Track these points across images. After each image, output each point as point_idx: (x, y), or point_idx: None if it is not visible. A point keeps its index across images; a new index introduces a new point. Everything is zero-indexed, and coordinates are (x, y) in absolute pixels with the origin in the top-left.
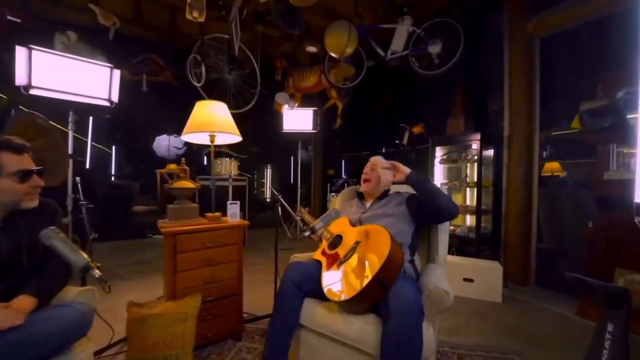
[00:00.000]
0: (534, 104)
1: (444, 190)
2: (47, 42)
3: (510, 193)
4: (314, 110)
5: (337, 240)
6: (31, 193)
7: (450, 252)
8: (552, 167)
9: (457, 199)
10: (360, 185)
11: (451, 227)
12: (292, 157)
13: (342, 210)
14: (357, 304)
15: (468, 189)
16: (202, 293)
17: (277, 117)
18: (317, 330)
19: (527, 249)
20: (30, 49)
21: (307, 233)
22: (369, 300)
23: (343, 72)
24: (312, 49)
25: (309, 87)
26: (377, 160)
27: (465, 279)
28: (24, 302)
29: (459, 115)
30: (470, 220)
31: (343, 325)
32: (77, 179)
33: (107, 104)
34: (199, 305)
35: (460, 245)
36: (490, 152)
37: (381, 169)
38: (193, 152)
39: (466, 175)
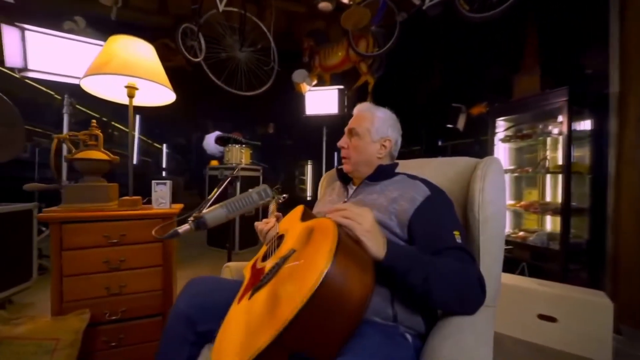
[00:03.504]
0: None
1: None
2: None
3: (624, 183)
4: (339, 89)
5: (276, 245)
6: None
7: (518, 271)
8: None
9: (530, 195)
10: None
11: (520, 233)
12: (335, 153)
13: (319, 201)
14: None
15: (548, 177)
16: (103, 309)
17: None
18: None
19: None
20: (22, 29)
21: (183, 229)
22: None
23: (354, 15)
24: (326, 5)
25: (337, 65)
26: (365, 111)
27: (542, 316)
28: None
29: (532, 69)
30: (551, 223)
31: None
32: None
33: None
34: (83, 328)
35: (534, 261)
36: (585, 123)
37: (369, 128)
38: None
39: (545, 158)
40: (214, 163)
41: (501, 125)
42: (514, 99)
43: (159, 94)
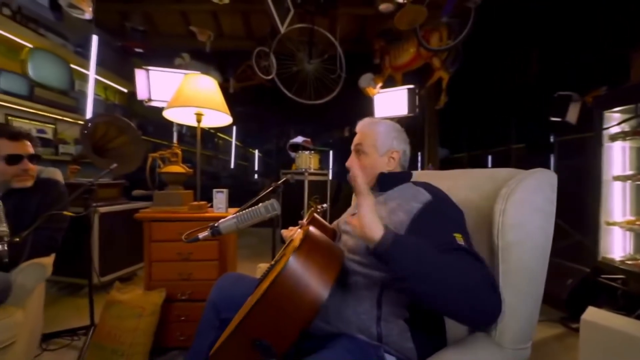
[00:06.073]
0: None
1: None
2: (169, 66)
3: None
4: (408, 89)
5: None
6: (21, 175)
7: (616, 307)
8: None
9: None
10: None
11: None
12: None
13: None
14: None
15: None
16: (177, 290)
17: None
18: None
19: None
20: (147, 70)
21: (203, 234)
22: None
23: (407, 14)
24: (387, 6)
25: (408, 63)
26: (365, 127)
27: None
28: None
29: None
30: None
31: None
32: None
33: None
34: (161, 303)
35: None
36: None
37: (374, 144)
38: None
39: None
40: (294, 167)
41: (616, 118)
42: (631, 83)
43: (220, 117)
